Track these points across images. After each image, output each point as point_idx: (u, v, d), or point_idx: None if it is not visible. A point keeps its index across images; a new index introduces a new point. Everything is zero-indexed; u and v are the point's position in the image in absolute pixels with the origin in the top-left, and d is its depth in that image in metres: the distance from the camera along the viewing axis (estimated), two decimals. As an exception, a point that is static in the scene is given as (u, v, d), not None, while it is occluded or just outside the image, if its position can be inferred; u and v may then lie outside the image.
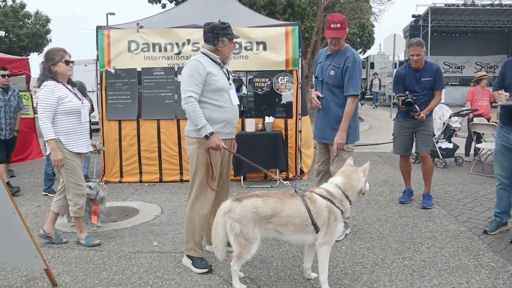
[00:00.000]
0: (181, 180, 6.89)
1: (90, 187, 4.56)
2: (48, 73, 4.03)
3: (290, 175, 6.83)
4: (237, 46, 4.13)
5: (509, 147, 4.17)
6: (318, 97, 4.31)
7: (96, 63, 6.97)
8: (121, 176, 6.94)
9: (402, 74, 5.32)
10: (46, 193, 6.23)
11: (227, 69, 3.75)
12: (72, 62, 4.13)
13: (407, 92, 5.06)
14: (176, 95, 6.76)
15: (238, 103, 3.78)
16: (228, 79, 3.72)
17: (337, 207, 3.11)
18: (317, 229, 3.08)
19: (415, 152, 5.83)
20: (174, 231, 4.62)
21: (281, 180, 3.63)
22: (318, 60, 4.51)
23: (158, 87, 6.82)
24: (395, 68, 19.20)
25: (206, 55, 3.61)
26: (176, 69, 6.78)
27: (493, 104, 7.79)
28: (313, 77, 4.58)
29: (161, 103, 6.81)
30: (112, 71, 6.81)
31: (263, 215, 3.04)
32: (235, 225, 3.03)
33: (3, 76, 6.50)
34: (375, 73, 26.05)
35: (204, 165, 3.55)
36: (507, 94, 4.07)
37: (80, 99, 4.16)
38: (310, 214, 3.04)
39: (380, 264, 3.71)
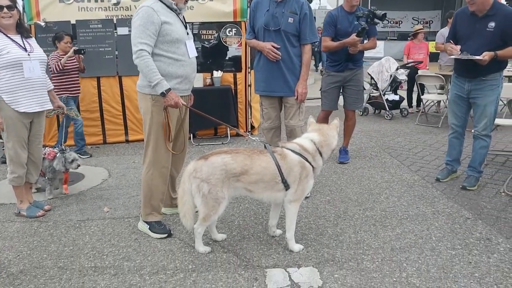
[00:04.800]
0: (127, 141, 6.53)
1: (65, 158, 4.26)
2: None
3: (241, 131, 6.65)
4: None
5: (462, 97, 4.21)
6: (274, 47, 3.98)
7: (23, 14, 6.25)
8: (61, 139, 6.42)
9: (334, 15, 4.83)
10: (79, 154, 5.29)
11: (183, 17, 3.35)
12: (7, 7, 3.46)
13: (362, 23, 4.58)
14: (116, 51, 6.27)
15: (196, 55, 3.38)
16: (186, 28, 3.32)
17: (309, 163, 2.95)
18: (287, 187, 2.92)
19: (344, 108, 5.23)
20: (125, 195, 4.34)
21: (249, 136, 3.43)
22: (258, 9, 4.06)
23: (96, 41, 6.26)
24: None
25: (160, 0, 3.16)
26: (115, 21, 6.24)
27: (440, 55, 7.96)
28: (251, 27, 4.15)
29: (101, 59, 6.28)
30: (42, 24, 6.15)
31: (232, 173, 2.83)
32: (203, 185, 2.80)
33: None
34: (319, 27, 23.54)
35: (161, 124, 3.21)
36: (459, 46, 4.07)
37: (27, 50, 3.56)
38: (280, 171, 2.87)
39: (342, 217, 3.69)
